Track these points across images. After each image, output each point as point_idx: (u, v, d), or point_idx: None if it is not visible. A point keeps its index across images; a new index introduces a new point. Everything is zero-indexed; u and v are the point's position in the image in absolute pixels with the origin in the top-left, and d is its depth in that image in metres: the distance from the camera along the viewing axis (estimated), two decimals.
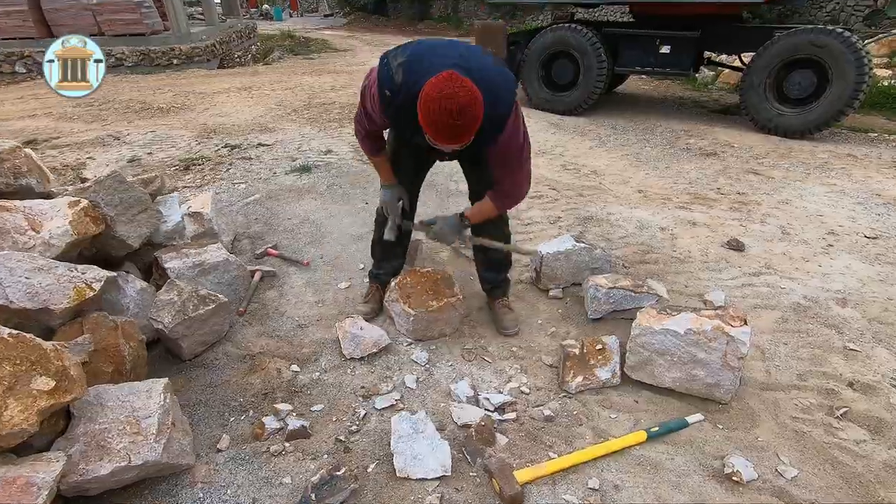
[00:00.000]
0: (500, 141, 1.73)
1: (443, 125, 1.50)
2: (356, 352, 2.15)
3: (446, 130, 1.52)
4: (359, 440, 1.77)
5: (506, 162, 1.83)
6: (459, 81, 1.48)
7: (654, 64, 5.99)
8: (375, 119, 1.88)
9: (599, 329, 2.31)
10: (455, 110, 1.46)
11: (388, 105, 1.73)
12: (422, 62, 1.66)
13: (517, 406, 1.90)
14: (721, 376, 1.82)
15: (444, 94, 1.46)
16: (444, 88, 1.46)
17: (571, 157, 4.72)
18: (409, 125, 1.70)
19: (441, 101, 1.46)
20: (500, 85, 1.70)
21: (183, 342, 2.13)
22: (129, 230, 2.30)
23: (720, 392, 1.85)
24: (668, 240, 3.09)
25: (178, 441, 1.63)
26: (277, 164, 4.53)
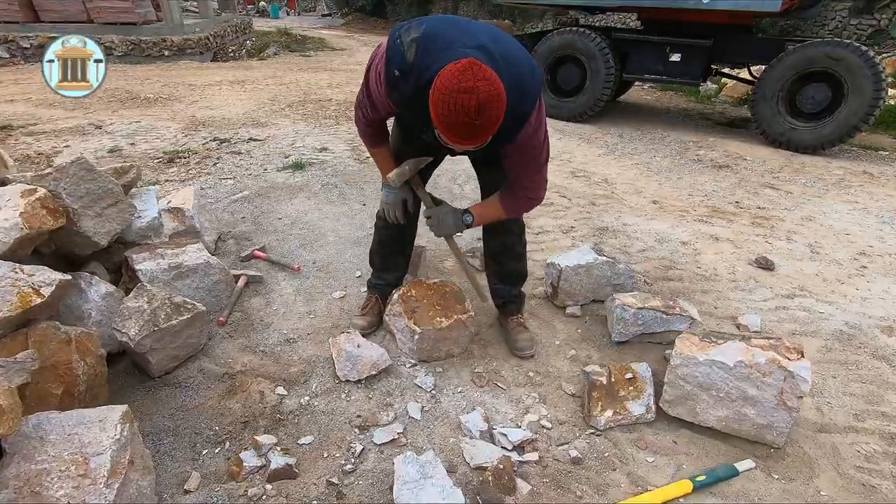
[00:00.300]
0: (520, 139, 1.52)
1: (458, 123, 1.27)
2: (352, 373, 1.88)
3: (461, 129, 1.29)
4: (354, 483, 1.49)
5: (523, 162, 1.62)
6: (481, 72, 1.24)
7: (663, 72, 5.82)
8: (378, 104, 1.61)
9: (625, 354, 2.07)
10: (474, 107, 1.23)
11: (395, 88, 1.48)
12: (439, 41, 1.40)
13: (538, 444, 1.64)
14: (775, 417, 1.58)
15: (462, 87, 1.22)
16: (463, 79, 1.22)
17: (580, 164, 4.50)
18: (417, 116, 1.47)
19: (458, 94, 1.23)
20: (527, 76, 1.46)
21: (151, 357, 1.85)
22: (95, 225, 2.01)
23: (773, 435, 1.61)
24: (691, 255, 2.87)
25: (135, 483, 1.35)
26: (269, 160, 4.25)
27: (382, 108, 1.62)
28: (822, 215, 3.50)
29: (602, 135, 5.64)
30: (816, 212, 3.56)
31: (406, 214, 1.97)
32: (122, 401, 1.78)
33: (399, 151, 1.88)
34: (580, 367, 2.00)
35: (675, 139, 5.55)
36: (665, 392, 1.71)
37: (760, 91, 5.33)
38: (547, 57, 6.10)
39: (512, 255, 2.07)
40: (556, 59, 6.08)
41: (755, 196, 3.86)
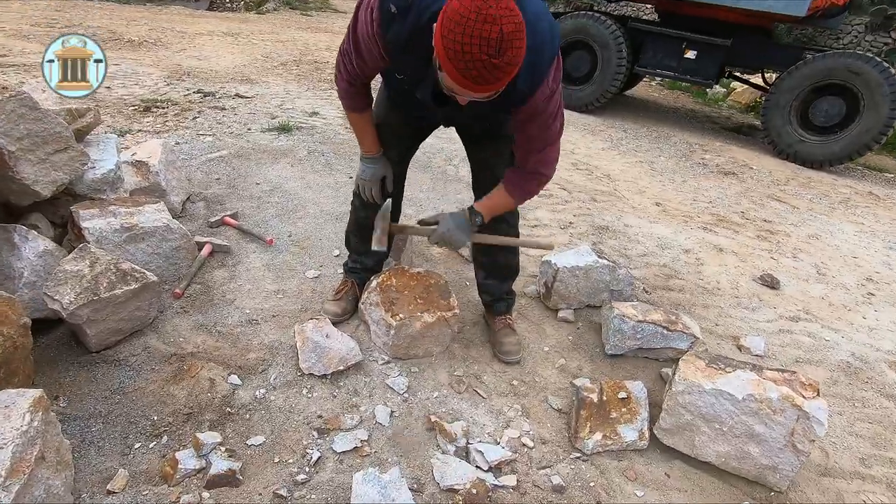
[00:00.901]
0: (534, 100, 1.31)
1: (474, 60, 1.04)
2: (317, 367, 1.68)
3: (477, 69, 1.06)
4: (306, 497, 1.31)
5: (536, 130, 1.39)
6: (504, 1, 1.02)
7: (676, 68, 5.60)
8: (366, 53, 1.37)
9: (619, 368, 1.90)
10: (495, 40, 1.02)
11: (390, 28, 1.25)
12: None
13: (517, 465, 1.47)
14: (780, 458, 1.43)
15: (482, 15, 1.00)
16: (483, 6, 1.00)
17: (583, 157, 4.29)
18: (415, 65, 1.27)
19: (478, 24, 1.01)
20: (546, 27, 1.25)
21: (89, 329, 1.62)
22: (37, 172, 1.76)
23: (776, 477, 1.45)
24: (694, 265, 2.70)
25: (43, 483, 1.14)
26: (254, 119, 3.95)
27: (370, 58, 1.37)
28: (829, 235, 3.36)
29: (606, 128, 5.42)
30: (823, 230, 3.42)
31: (384, 193, 1.75)
32: (51, 377, 1.57)
33: (385, 119, 1.66)
34: (569, 380, 1.83)
35: (681, 140, 5.36)
36: (662, 419, 1.55)
37: (773, 99, 5.15)
38: None
39: (505, 248, 1.86)
40: (567, 45, 5.81)
41: (761, 207, 3.70)
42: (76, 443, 1.37)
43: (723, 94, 8.35)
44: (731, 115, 7.33)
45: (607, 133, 5.22)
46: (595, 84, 5.72)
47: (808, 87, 4.94)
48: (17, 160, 1.69)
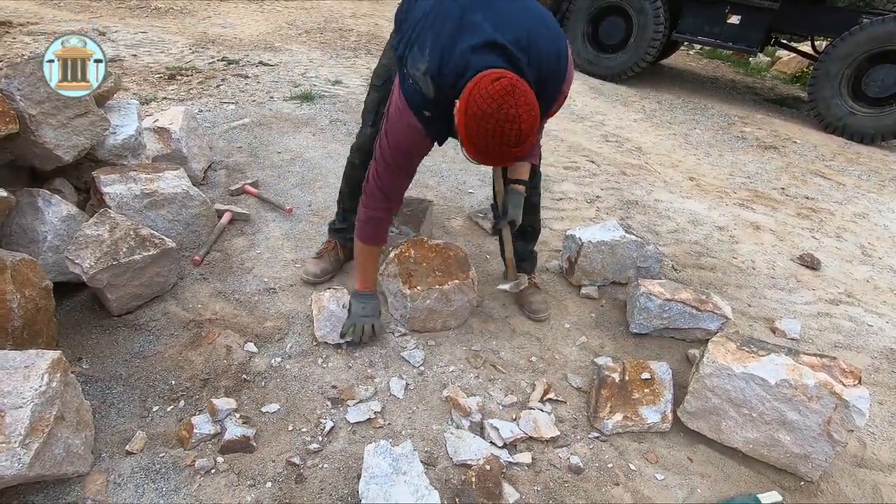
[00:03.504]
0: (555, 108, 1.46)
1: (493, 152, 1.16)
2: (331, 335, 1.66)
3: (496, 155, 1.18)
4: (318, 466, 1.30)
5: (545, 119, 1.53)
6: (518, 94, 1.10)
7: (718, 35, 5.26)
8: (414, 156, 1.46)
9: (643, 348, 1.83)
10: (514, 136, 1.12)
11: (431, 126, 1.35)
12: (452, 54, 1.23)
13: (533, 443, 1.43)
14: (814, 447, 1.35)
15: (503, 114, 1.10)
16: (503, 104, 1.09)
17: (613, 128, 4.11)
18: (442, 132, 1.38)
19: (499, 123, 1.10)
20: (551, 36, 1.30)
21: (110, 293, 1.64)
22: (59, 137, 1.76)
23: (807, 467, 1.38)
24: (728, 243, 2.57)
25: (63, 441, 1.16)
26: (277, 87, 3.91)
27: (418, 153, 1.46)
28: (878, 214, 3.15)
29: (639, 99, 5.18)
30: (871, 209, 3.20)
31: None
32: (75, 339, 1.60)
33: None
34: (590, 358, 1.77)
35: (719, 112, 5.08)
36: (687, 401, 1.48)
37: (823, 68, 4.80)
38: (590, 7, 5.54)
39: (528, 208, 1.83)
40: (601, 10, 5.53)
41: (803, 184, 3.49)
42: (97, 404, 1.39)
43: (766, 64, 7.86)
44: (774, 85, 6.91)
45: (640, 104, 4.99)
46: (629, 52, 5.43)
47: (863, 54, 4.58)
48: (38, 124, 1.69)
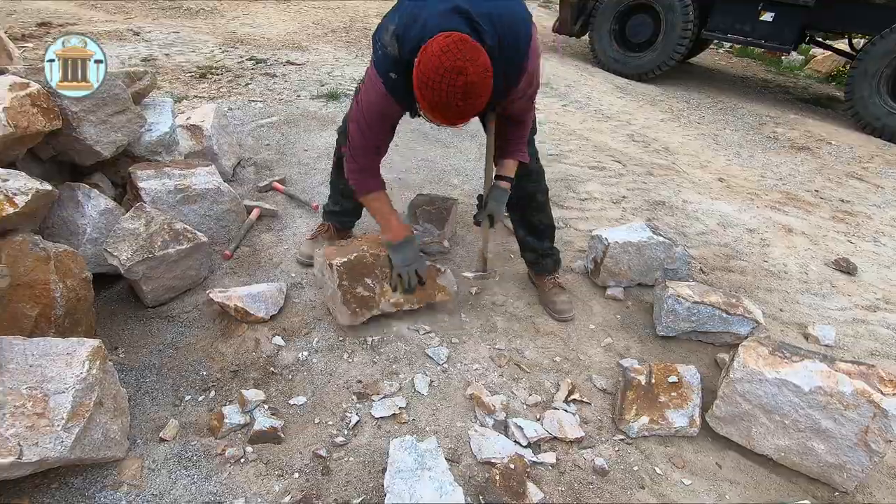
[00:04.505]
0: (514, 93, 1.43)
1: (446, 107, 1.20)
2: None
3: (451, 111, 1.21)
4: (344, 459, 1.32)
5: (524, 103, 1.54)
6: (466, 48, 1.15)
7: (749, 32, 5.12)
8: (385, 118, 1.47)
9: (670, 351, 1.80)
10: (461, 89, 1.15)
11: (397, 90, 1.35)
12: (417, 18, 1.28)
13: (557, 444, 1.43)
14: (850, 457, 1.31)
15: (447, 69, 1.14)
16: (446, 60, 1.14)
17: (640, 128, 4.05)
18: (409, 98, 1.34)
19: (444, 78, 1.15)
20: (517, 29, 1.34)
21: (145, 285, 1.69)
22: (98, 133, 1.82)
23: (842, 477, 1.34)
24: (758, 246, 2.51)
25: (102, 427, 1.21)
26: (304, 86, 3.97)
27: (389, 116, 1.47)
28: None
29: (667, 98, 5.09)
30: None
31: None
32: (111, 329, 1.66)
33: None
34: (616, 359, 1.75)
35: (750, 112, 4.96)
36: (716, 406, 1.45)
37: (861, 66, 4.64)
38: (617, 5, 5.46)
39: (535, 206, 1.87)
40: (628, 8, 5.44)
41: (838, 186, 3.38)
42: (132, 392, 1.44)
43: (800, 62, 7.64)
44: (808, 85, 6.71)
45: (668, 103, 4.90)
46: (657, 51, 5.34)
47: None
48: (79, 121, 1.75)
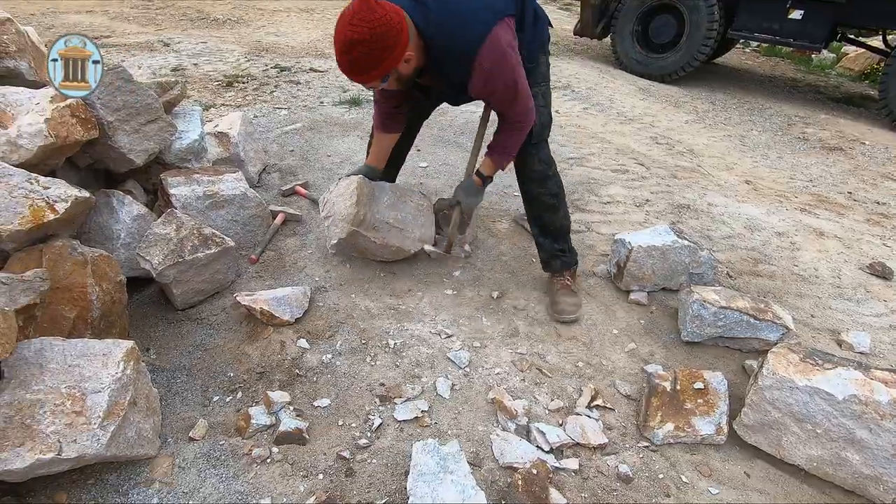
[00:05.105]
0: (476, 82, 1.53)
1: (338, 55, 1.38)
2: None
3: (341, 62, 1.39)
4: (367, 461, 1.34)
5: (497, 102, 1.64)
6: (367, 10, 1.30)
7: (777, 31, 5.01)
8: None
9: (696, 357, 1.77)
10: (343, 40, 1.33)
11: None
12: None
13: (580, 450, 1.41)
14: (886, 469, 1.27)
15: (342, 22, 1.32)
16: (344, 18, 1.32)
17: (663, 130, 3.99)
18: None
19: (339, 27, 1.33)
20: (465, 20, 1.44)
21: (175, 288, 1.74)
22: (132, 142, 1.89)
23: (878, 489, 1.30)
24: (788, 249, 2.45)
25: (135, 425, 1.25)
26: (326, 93, 4.04)
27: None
28: None
29: (691, 99, 5.00)
30: None
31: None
32: (143, 330, 1.71)
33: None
34: (640, 365, 1.73)
35: (778, 112, 4.84)
36: (744, 414, 1.42)
37: (895, 63, 4.49)
38: (639, 6, 5.40)
39: (543, 207, 1.92)
40: (651, 9, 5.38)
41: (873, 188, 3.27)
42: (163, 392, 1.49)
43: (831, 61, 7.42)
44: (840, 83, 6.51)
45: (692, 105, 4.82)
46: (681, 52, 5.26)
47: None
48: (114, 130, 1.82)
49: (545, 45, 1.81)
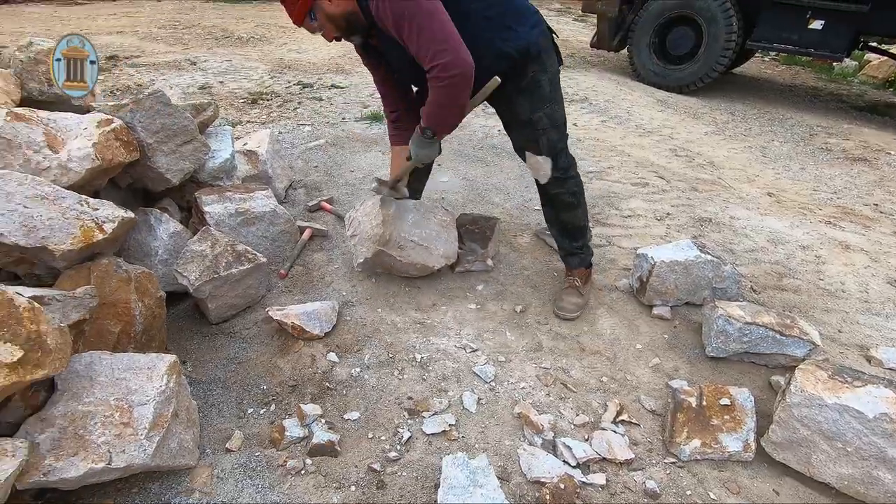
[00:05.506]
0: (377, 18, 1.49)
1: None
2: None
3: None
4: (398, 474, 1.37)
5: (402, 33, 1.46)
6: None
7: (797, 41, 4.98)
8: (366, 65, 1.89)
9: (721, 372, 1.77)
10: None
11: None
12: None
13: (607, 465, 1.43)
14: None
15: None
16: None
17: (682, 142, 3.99)
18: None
19: None
20: None
21: (210, 303, 1.81)
22: (169, 162, 1.97)
23: None
24: (813, 263, 2.43)
25: (177, 437, 1.30)
26: (348, 108, 4.14)
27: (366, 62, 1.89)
28: None
29: (710, 110, 4.99)
30: None
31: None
32: (180, 344, 1.77)
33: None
34: (664, 380, 1.74)
35: (800, 122, 4.80)
36: (772, 431, 1.42)
37: None
38: (657, 17, 5.42)
39: (562, 206, 1.94)
40: (668, 21, 5.39)
41: None
42: (200, 403, 1.54)
43: (853, 69, 7.32)
44: (863, 92, 6.42)
45: (711, 116, 4.80)
46: (699, 63, 5.25)
47: None
48: (153, 151, 1.91)
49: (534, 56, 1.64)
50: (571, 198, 1.93)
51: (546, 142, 1.78)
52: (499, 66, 1.60)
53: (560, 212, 1.97)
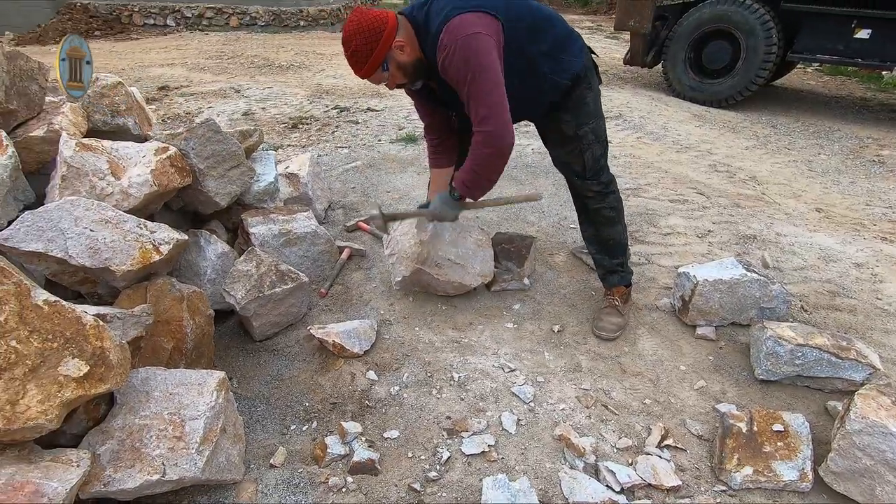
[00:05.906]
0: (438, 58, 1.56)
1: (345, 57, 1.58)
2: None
3: (349, 62, 1.59)
4: (438, 494, 1.37)
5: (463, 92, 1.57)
6: (354, 14, 1.53)
7: (843, 52, 4.82)
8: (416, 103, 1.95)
9: (771, 396, 1.70)
10: (343, 43, 1.56)
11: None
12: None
13: (653, 492, 1.38)
14: None
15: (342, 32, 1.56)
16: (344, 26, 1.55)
17: (723, 157, 3.90)
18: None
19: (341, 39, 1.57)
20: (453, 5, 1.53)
21: (255, 321, 1.87)
22: (218, 186, 2.07)
23: None
24: (868, 282, 2.31)
25: (225, 451, 1.34)
26: (383, 131, 4.24)
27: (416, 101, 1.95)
28: None
29: (751, 124, 4.86)
30: None
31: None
32: (226, 360, 1.84)
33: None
34: (710, 404, 1.68)
35: (848, 134, 4.61)
36: (831, 460, 1.34)
37: None
38: (692, 32, 5.36)
39: (602, 221, 1.95)
40: (704, 35, 5.32)
41: None
42: (246, 419, 1.59)
43: None
44: None
45: (751, 130, 4.68)
46: (737, 76, 5.15)
47: None
48: (204, 176, 2.01)
49: (582, 78, 1.72)
50: (612, 212, 1.93)
51: (590, 156, 1.81)
52: (555, 96, 1.73)
53: (600, 227, 1.96)
